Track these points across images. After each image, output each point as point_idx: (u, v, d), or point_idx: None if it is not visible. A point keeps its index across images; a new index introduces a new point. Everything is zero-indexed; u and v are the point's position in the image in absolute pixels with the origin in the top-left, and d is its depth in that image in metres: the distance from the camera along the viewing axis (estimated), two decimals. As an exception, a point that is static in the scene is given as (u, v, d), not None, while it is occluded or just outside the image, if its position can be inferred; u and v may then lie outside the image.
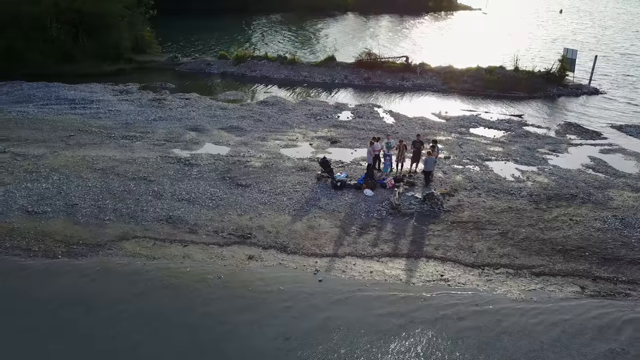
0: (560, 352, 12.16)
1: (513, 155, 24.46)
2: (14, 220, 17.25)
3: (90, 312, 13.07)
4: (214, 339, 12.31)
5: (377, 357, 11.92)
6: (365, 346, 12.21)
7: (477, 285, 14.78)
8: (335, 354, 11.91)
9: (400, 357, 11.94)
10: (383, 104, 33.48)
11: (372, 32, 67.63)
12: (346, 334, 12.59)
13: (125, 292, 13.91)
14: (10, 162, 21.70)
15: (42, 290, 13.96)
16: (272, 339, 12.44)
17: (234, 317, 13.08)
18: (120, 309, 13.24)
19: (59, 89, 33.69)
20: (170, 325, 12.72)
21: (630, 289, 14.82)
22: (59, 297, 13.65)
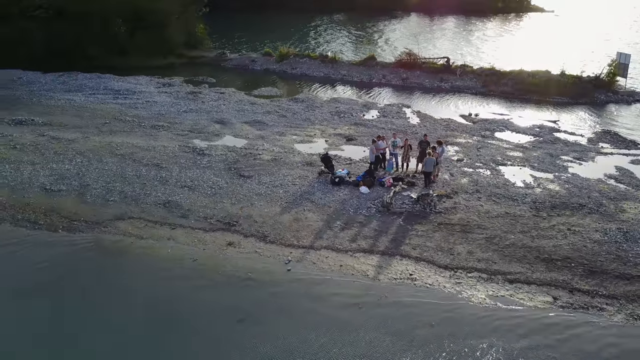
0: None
1: (531, 161, 23.69)
2: (31, 196, 18.99)
3: (66, 277, 14.28)
4: (168, 311, 13.13)
5: (313, 347, 12.22)
6: (308, 336, 12.56)
7: (444, 287, 14.70)
8: (279, 340, 12.35)
9: (333, 351, 12.16)
10: (413, 104, 33.27)
11: (431, 33, 66.51)
12: (295, 322, 13.00)
13: (106, 264, 15.03)
14: (44, 145, 23.76)
15: (36, 257, 15.34)
16: (226, 319, 13.07)
17: (194, 294, 13.87)
18: (94, 277, 14.34)
19: (109, 80, 36.13)
20: (133, 295, 13.66)
21: (608, 304, 14.18)
22: (48, 264, 14.94)
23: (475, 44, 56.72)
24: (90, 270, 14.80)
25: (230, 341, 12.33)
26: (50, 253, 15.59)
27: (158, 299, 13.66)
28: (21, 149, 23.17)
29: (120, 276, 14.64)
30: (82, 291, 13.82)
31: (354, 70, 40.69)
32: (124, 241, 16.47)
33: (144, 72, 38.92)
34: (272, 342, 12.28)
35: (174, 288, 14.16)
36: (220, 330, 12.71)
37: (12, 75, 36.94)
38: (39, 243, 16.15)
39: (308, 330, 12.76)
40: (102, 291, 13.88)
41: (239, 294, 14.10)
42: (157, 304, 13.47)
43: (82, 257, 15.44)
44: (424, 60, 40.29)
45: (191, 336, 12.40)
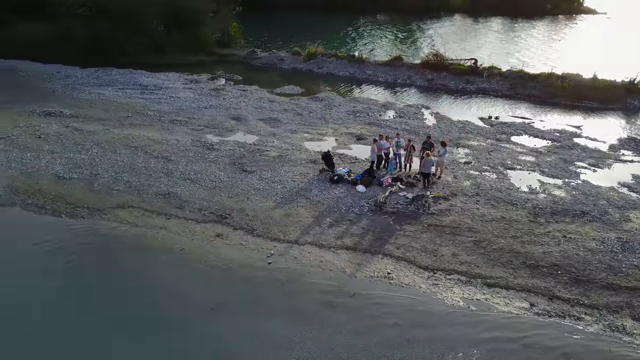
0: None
1: (542, 166, 23.14)
2: (44, 183, 20.19)
3: (56, 259, 15.22)
4: (144, 295, 13.78)
5: (275, 338, 12.57)
6: (273, 328, 12.94)
7: (420, 287, 14.72)
8: (243, 330, 12.87)
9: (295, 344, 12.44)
10: (434, 105, 32.96)
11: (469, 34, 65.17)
12: (264, 314, 13.41)
13: (97, 249, 15.89)
14: (66, 135, 25.11)
15: (35, 238, 16.37)
16: (198, 307, 13.59)
17: (173, 281, 14.48)
18: (82, 260, 15.22)
19: (140, 76, 37.60)
20: (114, 278, 14.41)
21: (587, 314, 13.83)
22: (44, 245, 15.94)
23: (513, 46, 55.17)
24: (80, 253, 15.64)
25: (197, 327, 12.80)
26: (49, 236, 16.54)
27: (137, 283, 14.31)
28: (45, 138, 24.55)
29: (107, 261, 15.44)
30: (66, 272, 14.65)
31: (380, 71, 40.63)
32: (119, 228, 17.29)
33: (175, 69, 40.13)
34: (237, 331, 12.69)
35: (156, 274, 14.82)
36: (190, 316, 13.24)
37: (53, 70, 38.90)
38: (41, 226, 17.16)
39: (274, 322, 13.13)
40: (85, 274, 14.67)
41: (216, 283, 14.59)
42: (134, 288, 14.12)
43: (77, 241, 16.34)
44: (450, 61, 39.73)
45: (160, 321, 12.96)
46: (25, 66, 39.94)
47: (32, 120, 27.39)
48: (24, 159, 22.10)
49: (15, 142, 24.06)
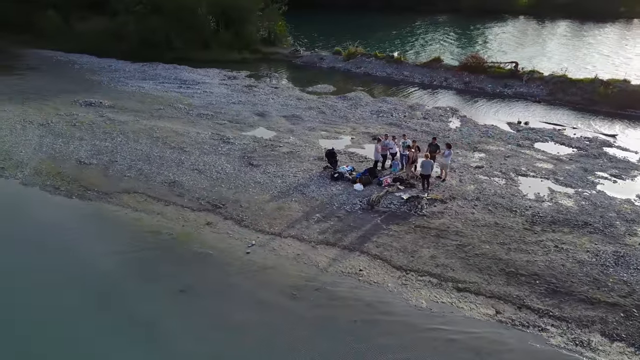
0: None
1: (558, 174, 22.33)
2: (66, 167, 21.86)
3: (57, 235, 16.64)
4: (122, 275, 14.77)
5: (232, 324, 13.23)
6: (233, 314, 13.53)
7: (388, 286, 14.82)
8: (206, 312, 13.58)
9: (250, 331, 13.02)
10: (464, 108, 32.35)
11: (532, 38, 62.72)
12: (228, 300, 14.05)
13: (94, 229, 17.12)
14: (98, 124, 26.92)
15: (44, 216, 17.87)
16: (169, 288, 14.43)
17: (153, 263, 15.41)
18: (78, 237, 16.54)
19: (182, 71, 39.40)
20: (99, 258, 15.53)
21: (554, 326, 13.43)
22: (50, 222, 17.40)
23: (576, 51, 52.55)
24: (79, 231, 16.90)
25: (162, 305, 13.62)
26: (56, 214, 17.99)
27: (118, 260, 15.34)
28: (78, 126, 26.44)
29: (98, 240, 16.57)
30: (62, 247, 15.92)
31: (417, 72, 40.26)
32: (120, 211, 18.50)
33: (217, 65, 41.66)
34: (199, 313, 13.40)
35: (139, 256, 15.80)
36: (159, 296, 14.06)
37: (105, 64, 41.53)
38: (51, 205, 18.68)
39: (236, 308, 13.69)
40: (76, 250, 15.87)
41: (192, 268, 15.37)
42: (116, 267, 15.14)
43: (77, 220, 17.65)
44: (490, 64, 38.74)
45: (131, 299, 13.88)
46: (82, 59, 42.85)
47: (73, 109, 29.47)
48: (55, 145, 23.93)
49: (52, 129, 26.06)
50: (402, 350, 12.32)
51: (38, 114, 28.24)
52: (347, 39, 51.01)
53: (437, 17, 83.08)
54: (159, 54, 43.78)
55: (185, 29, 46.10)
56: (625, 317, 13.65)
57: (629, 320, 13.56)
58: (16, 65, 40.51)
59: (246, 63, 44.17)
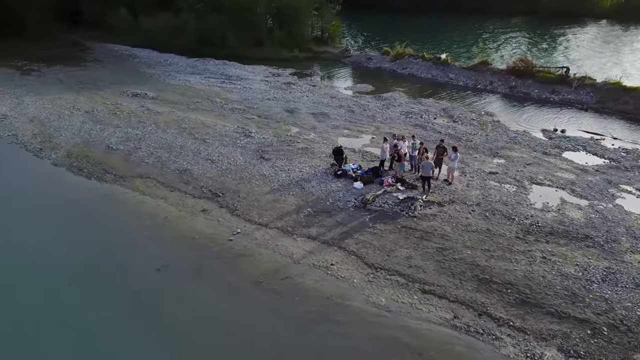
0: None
1: (577, 185, 21.33)
2: (94, 151, 23.76)
3: (66, 209, 18.42)
4: (107, 251, 16.03)
5: (197, 304, 14.10)
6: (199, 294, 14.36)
7: (353, 282, 15.04)
8: (174, 290, 14.52)
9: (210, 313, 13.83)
10: (499, 113, 31.41)
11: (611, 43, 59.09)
12: (199, 282, 14.89)
13: (100, 207, 18.66)
14: (136, 113, 28.87)
15: (61, 193, 19.64)
16: (148, 267, 15.50)
17: (139, 243, 16.59)
18: (82, 213, 18.22)
19: (230, 67, 41.07)
20: (92, 233, 16.95)
21: (510, 336, 13.10)
22: (65, 198, 19.18)
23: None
24: (84, 208, 18.46)
25: (135, 280, 14.71)
26: (72, 192, 19.75)
27: (111, 239, 16.65)
28: (118, 115, 28.51)
29: (98, 217, 18.02)
30: (66, 221, 17.56)
31: (462, 74, 39.41)
32: (128, 194, 19.93)
33: (266, 63, 42.96)
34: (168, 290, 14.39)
35: (129, 235, 17.02)
36: (136, 271, 15.15)
37: (162, 58, 44.11)
38: (70, 184, 20.47)
39: (203, 289, 14.51)
40: (74, 223, 17.38)
41: (175, 249, 16.38)
42: (103, 244, 16.43)
43: (91, 200, 19.26)
44: (539, 68, 37.18)
45: (107, 271, 15.06)
46: (143, 54, 45.71)
47: (119, 99, 31.73)
48: (92, 130, 26.00)
49: (95, 116, 28.28)
50: (344, 343, 12.51)
51: (87, 102, 30.65)
52: (403, 39, 50.67)
53: (509, 19, 79.79)
54: (215, 50, 45.76)
55: (242, 27, 47.78)
56: (592, 335, 13.03)
57: (595, 338, 12.93)
58: (84, 57, 43.98)
59: (295, 61, 45.10)
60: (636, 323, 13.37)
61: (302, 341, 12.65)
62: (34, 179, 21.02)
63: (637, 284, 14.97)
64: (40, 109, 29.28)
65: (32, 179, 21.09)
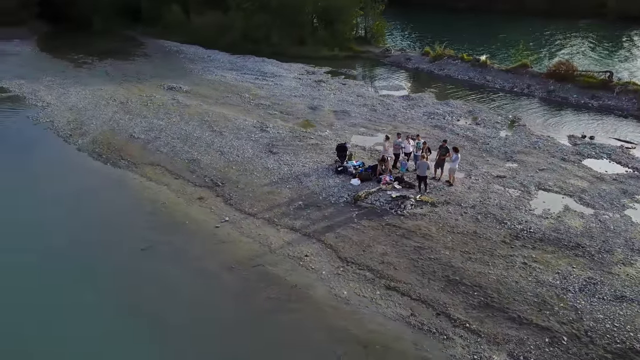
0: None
1: (587, 193, 20.53)
2: (117, 139, 25.35)
3: (75, 190, 19.89)
4: (107, 227, 17.32)
5: (168, 283, 14.94)
6: (171, 273, 15.25)
7: (322, 273, 15.38)
8: (152, 268, 15.50)
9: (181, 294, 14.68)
10: (528, 117, 30.43)
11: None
12: (175, 263, 15.76)
13: (107, 190, 20.03)
14: (166, 106, 30.41)
15: (78, 175, 21.26)
16: (134, 246, 16.55)
17: (132, 224, 17.72)
18: (90, 193, 19.84)
19: (268, 64, 42.13)
20: (98, 208, 18.38)
21: (462, 337, 13.00)
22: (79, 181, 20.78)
23: None
24: (94, 190, 19.99)
25: (119, 257, 15.84)
26: (86, 175, 21.40)
27: (104, 220, 17.84)
28: (149, 106, 30.14)
29: (104, 200, 19.43)
30: (72, 200, 19.10)
31: (500, 77, 38.38)
32: (137, 180, 21.23)
33: (306, 61, 43.56)
34: (148, 268, 15.45)
35: (126, 217, 18.20)
36: (121, 250, 16.22)
37: (206, 54, 45.89)
38: (86, 168, 22.07)
39: (178, 271, 15.34)
40: (79, 205, 18.81)
41: (163, 232, 17.36)
42: (98, 223, 17.66)
43: (102, 183, 20.71)
44: (581, 72, 35.59)
45: (99, 250, 16.22)
46: (189, 50, 47.70)
47: (154, 91, 33.47)
48: (121, 120, 27.69)
49: (127, 107, 30.06)
50: (293, 330, 12.91)
51: (125, 93, 32.56)
52: (454, 41, 49.83)
53: (576, 21, 75.85)
54: (258, 48, 47.04)
55: (287, 26, 48.81)
56: (549, 343, 12.69)
57: (551, 346, 12.59)
58: (135, 52, 46.49)
59: (334, 60, 45.45)
60: (601, 335, 12.86)
61: (255, 325, 13.11)
62: (56, 161, 22.74)
63: (617, 296, 14.31)
64: (81, 98, 31.40)
65: (54, 161, 22.82)
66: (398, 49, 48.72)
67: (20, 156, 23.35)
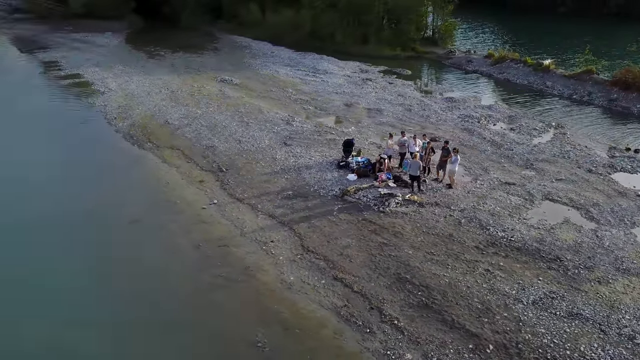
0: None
1: (598, 207, 19.24)
2: (152, 123, 27.50)
3: (102, 161, 22.42)
4: (105, 200, 19.15)
5: (137, 254, 16.34)
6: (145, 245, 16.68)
7: (279, 259, 15.98)
8: (136, 241, 16.98)
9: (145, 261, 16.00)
10: (573, 125, 28.65)
11: None
12: (156, 235, 17.22)
13: (122, 167, 22.04)
14: (210, 96, 32.33)
15: (105, 153, 23.70)
16: (124, 219, 18.21)
17: (133, 200, 19.37)
18: (104, 168, 21.96)
19: (324, 62, 42.98)
20: (106, 183, 20.45)
21: (385, 333, 13.02)
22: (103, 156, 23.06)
23: None
24: (112, 166, 22.31)
25: (109, 229, 17.52)
26: (112, 153, 23.57)
27: (106, 193, 19.70)
28: (195, 96, 32.24)
29: (116, 175, 21.46)
30: (88, 173, 21.43)
31: (560, 83, 36.20)
32: (153, 161, 23.03)
33: (364, 60, 43.79)
34: (126, 242, 16.88)
35: (128, 192, 19.95)
36: (110, 222, 17.93)
37: (271, 50, 47.70)
38: (117, 148, 24.31)
39: (152, 245, 16.71)
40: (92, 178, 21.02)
41: (154, 209, 18.85)
42: (100, 195, 19.53)
43: (122, 161, 22.78)
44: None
45: (90, 220, 18.02)
46: (257, 45, 49.79)
47: (207, 83, 35.62)
48: (163, 107, 29.95)
49: (175, 95, 32.36)
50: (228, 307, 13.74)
51: (179, 84, 35.00)
52: (539, 45, 47.56)
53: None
54: (322, 45, 48.01)
55: (353, 25, 49.37)
56: (472, 350, 12.38)
57: (473, 353, 12.28)
58: (207, 46, 49.39)
59: (394, 60, 45.12)
60: (533, 349, 12.30)
61: (194, 298, 14.08)
62: (91, 139, 25.21)
63: (572, 313, 13.53)
64: (139, 86, 34.22)
65: (90, 138, 25.29)
66: (463, 51, 47.27)
67: (64, 132, 26.17)
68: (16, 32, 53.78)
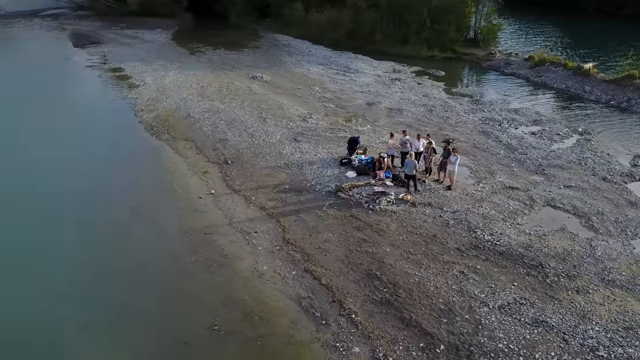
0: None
1: (602, 216, 18.49)
2: (174, 116, 28.67)
3: (118, 148, 23.44)
4: (113, 185, 20.36)
5: (137, 238, 17.34)
6: (136, 227, 17.67)
7: (259, 249, 16.46)
8: (128, 228, 17.91)
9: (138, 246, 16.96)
10: (602, 132, 27.33)
11: None
12: (151, 221, 18.16)
13: (135, 155, 23.27)
14: (236, 92, 33.28)
15: (124, 140, 25.04)
16: (125, 205, 19.25)
17: (138, 187, 20.41)
18: (117, 154, 23.13)
19: (358, 61, 43.09)
20: (117, 169, 21.68)
21: (340, 325, 13.21)
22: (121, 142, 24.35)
23: None
24: (127, 154, 23.53)
25: (111, 212, 18.60)
26: (131, 140, 24.99)
27: (116, 179, 20.88)
28: (222, 92, 33.30)
29: (129, 163, 22.70)
30: (104, 159, 22.80)
31: (599, 88, 34.58)
32: (167, 152, 24.05)
33: (399, 60, 43.49)
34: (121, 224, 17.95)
35: (136, 179, 21.05)
36: (112, 206, 19.03)
37: (309, 49, 48.33)
38: (136, 138, 25.61)
39: (142, 229, 17.61)
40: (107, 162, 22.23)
41: (154, 195, 19.83)
42: (109, 181, 20.72)
43: (137, 150, 24.11)
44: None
45: (96, 202, 19.21)
46: (297, 44, 50.52)
47: (237, 80, 36.63)
48: (190, 101, 31.14)
49: (203, 91, 33.53)
50: (195, 290, 14.36)
51: (210, 79, 36.20)
52: (591, 48, 45.68)
53: None
54: (360, 45, 48.12)
55: (392, 25, 49.17)
56: (421, 348, 12.37)
57: (422, 352, 12.27)
58: (248, 44, 50.60)
59: (431, 61, 44.50)
60: (485, 353, 12.15)
61: (167, 279, 14.79)
62: (114, 127, 26.73)
63: (537, 321, 13.20)
64: (173, 81, 35.68)
65: (113, 127, 26.81)
66: (504, 53, 45.95)
67: (92, 120, 27.90)
68: (75, 27, 57.19)
